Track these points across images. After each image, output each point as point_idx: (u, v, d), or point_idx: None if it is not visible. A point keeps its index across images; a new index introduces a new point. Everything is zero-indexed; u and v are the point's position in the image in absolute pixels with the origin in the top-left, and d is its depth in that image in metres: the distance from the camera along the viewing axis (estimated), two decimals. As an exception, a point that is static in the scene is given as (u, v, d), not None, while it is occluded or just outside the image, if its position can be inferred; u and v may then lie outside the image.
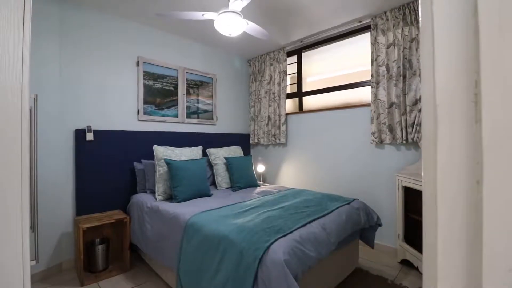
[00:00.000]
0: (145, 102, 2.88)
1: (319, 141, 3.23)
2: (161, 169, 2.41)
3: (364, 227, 2.13)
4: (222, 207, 2.01)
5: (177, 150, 2.60)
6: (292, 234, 1.48)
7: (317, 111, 3.26)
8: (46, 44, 2.25)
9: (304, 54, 3.55)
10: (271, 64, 3.69)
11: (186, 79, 3.24)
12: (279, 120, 3.56)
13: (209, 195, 2.48)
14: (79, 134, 2.41)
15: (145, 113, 2.87)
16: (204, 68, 3.45)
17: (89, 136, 2.45)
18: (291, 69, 3.67)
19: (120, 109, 2.70)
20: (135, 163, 2.67)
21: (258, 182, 3.21)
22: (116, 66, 2.67)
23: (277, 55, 3.60)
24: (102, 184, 2.52)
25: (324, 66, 3.39)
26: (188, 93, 3.27)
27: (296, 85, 3.61)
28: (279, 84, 3.57)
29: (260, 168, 3.74)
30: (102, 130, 2.54)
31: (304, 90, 3.53)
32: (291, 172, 3.54)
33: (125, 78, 2.74)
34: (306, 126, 3.37)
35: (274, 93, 3.62)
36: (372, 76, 2.70)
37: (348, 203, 2.15)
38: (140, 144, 2.77)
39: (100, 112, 2.57)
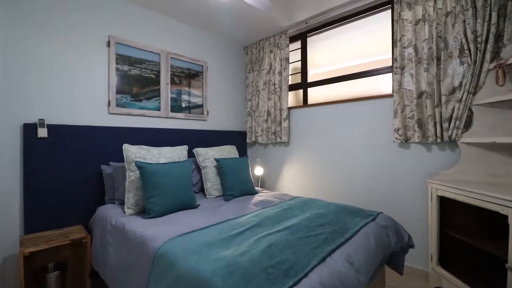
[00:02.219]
0: (118, 92, 2.35)
1: (328, 139, 2.73)
2: (132, 174, 1.89)
3: (394, 250, 1.64)
4: (208, 226, 1.50)
5: (155, 150, 2.08)
6: (308, 278, 0.98)
7: (326, 104, 2.76)
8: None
9: (309, 40, 3.05)
10: (271, 51, 3.18)
11: (171, 66, 2.73)
12: (280, 115, 3.06)
13: (194, 206, 1.97)
14: (29, 130, 1.89)
15: (118, 105, 2.35)
16: (192, 53, 2.94)
17: (42, 133, 1.93)
18: (294, 57, 3.17)
19: (85, 100, 2.17)
20: (103, 166, 2.15)
21: (256, 188, 2.70)
22: (80, 46, 2.15)
23: (278, 40, 3.10)
24: (60, 193, 2.00)
25: (330, 56, 2.89)
26: (173, 82, 2.75)
27: (300, 75, 3.11)
28: (280, 73, 3.07)
29: (258, 171, 3.23)
30: (60, 125, 2.02)
31: (309, 80, 3.03)
32: (294, 176, 3.04)
33: (92, 62, 2.21)
34: (313, 122, 2.87)
35: (274, 84, 3.12)
36: (395, 60, 2.21)
37: (373, 219, 1.66)
38: (111, 142, 2.25)
39: (58, 102, 2.04)
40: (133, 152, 1.94)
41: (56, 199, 1.98)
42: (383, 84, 2.46)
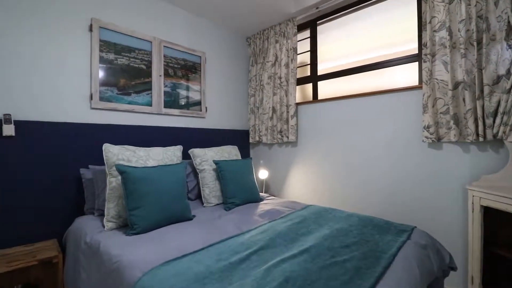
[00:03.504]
0: (103, 84, 2.04)
1: (342, 139, 2.41)
2: (113, 180, 1.57)
3: (436, 276, 1.32)
4: (204, 248, 1.18)
5: (141, 151, 1.76)
6: None
7: (339, 99, 2.44)
8: None
9: (318, 30, 2.74)
10: (277, 41, 2.87)
11: (164, 56, 2.41)
12: (287, 112, 2.75)
13: (188, 218, 1.65)
14: (-9, 127, 1.58)
15: (102, 99, 2.03)
16: (189, 42, 2.63)
17: (8, 130, 1.61)
18: (301, 48, 2.85)
19: (61, 92, 1.86)
20: (82, 170, 1.83)
21: (261, 194, 2.39)
22: (57, 29, 1.83)
23: (285, 28, 2.79)
24: (31, 201, 1.68)
25: (342, 48, 2.57)
26: (166, 74, 2.44)
27: (308, 67, 2.80)
28: (287, 65, 2.76)
29: (263, 174, 2.92)
30: (31, 121, 1.71)
31: (320, 73, 2.72)
32: (303, 181, 2.72)
33: (71, 48, 1.90)
34: (324, 120, 2.55)
35: (280, 78, 2.80)
36: (423, 46, 1.89)
37: (409, 237, 1.34)
38: (93, 142, 1.94)
39: (28, 95, 1.72)
40: (115, 153, 1.62)
41: (26, 209, 1.67)
42: (404, 76, 2.15)
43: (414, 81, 2.07)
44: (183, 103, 2.57)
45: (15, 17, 1.67)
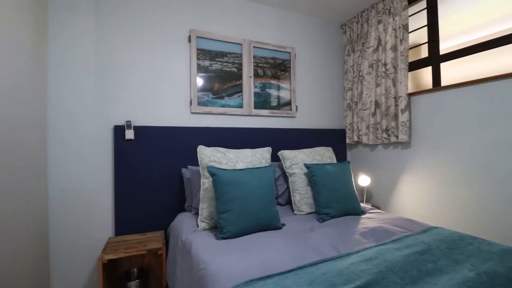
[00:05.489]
0: (200, 90, 2.18)
1: (482, 137, 1.75)
2: (206, 182, 1.61)
3: None
4: (292, 270, 0.99)
5: (231, 153, 1.75)
6: None
7: (476, 83, 1.78)
8: (79, 18, 1.82)
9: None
10: (379, 21, 2.39)
11: (254, 56, 2.39)
12: (396, 105, 2.24)
13: (277, 227, 1.51)
14: (118, 132, 1.89)
15: (199, 104, 2.17)
16: (277, 39, 2.52)
17: (129, 134, 1.90)
18: (413, 24, 2.27)
19: (167, 99, 2.08)
20: (183, 170, 1.99)
21: (362, 205, 2.02)
22: (162, 43, 2.06)
23: (390, 3, 2.29)
24: (145, 195, 1.94)
25: (468, 20, 1.86)
26: (256, 74, 2.40)
27: (426, 47, 2.20)
28: (394, 48, 2.25)
29: (363, 180, 2.49)
30: (145, 126, 1.97)
31: (441, 52, 2.08)
32: (419, 191, 2.15)
33: (174, 59, 2.10)
34: (451, 112, 1.93)
35: (385, 64, 2.32)
36: None
37: None
38: (192, 144, 2.09)
39: (142, 103, 2.00)
40: (207, 155, 1.65)
41: (142, 202, 1.93)
42: None
43: None
44: (272, 103, 2.47)
45: (128, 37, 1.96)
